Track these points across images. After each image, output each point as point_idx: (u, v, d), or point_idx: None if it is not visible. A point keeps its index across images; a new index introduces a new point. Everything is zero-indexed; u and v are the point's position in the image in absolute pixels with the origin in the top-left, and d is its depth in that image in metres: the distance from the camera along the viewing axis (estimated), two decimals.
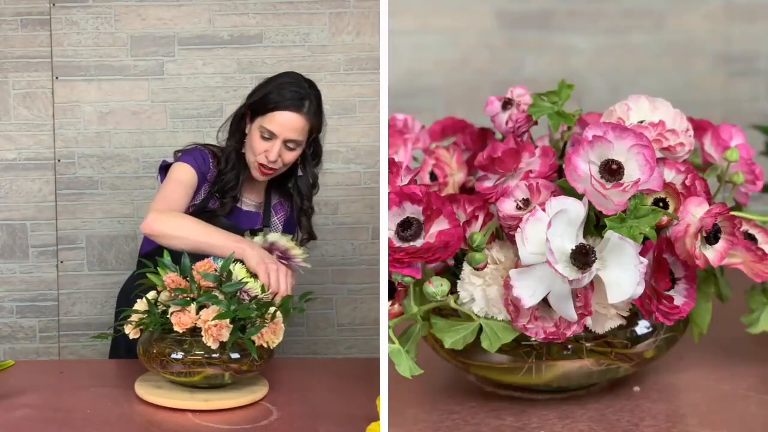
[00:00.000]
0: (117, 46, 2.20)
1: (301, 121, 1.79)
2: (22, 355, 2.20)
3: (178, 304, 1.60)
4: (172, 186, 1.77)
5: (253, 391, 1.65)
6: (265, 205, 1.89)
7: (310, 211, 1.89)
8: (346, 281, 2.27)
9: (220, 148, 1.87)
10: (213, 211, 1.81)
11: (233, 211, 1.84)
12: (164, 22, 2.21)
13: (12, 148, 2.19)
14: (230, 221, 1.83)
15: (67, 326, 2.21)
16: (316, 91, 1.83)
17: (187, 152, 1.83)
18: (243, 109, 1.84)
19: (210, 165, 1.83)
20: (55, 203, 2.21)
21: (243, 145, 1.83)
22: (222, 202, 1.81)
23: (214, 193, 1.83)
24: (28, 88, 2.19)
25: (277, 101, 1.78)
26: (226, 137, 1.86)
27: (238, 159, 1.83)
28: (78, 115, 2.20)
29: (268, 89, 1.81)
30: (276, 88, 1.80)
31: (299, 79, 1.83)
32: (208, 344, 1.57)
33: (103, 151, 2.19)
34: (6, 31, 2.18)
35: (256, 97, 1.82)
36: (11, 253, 2.20)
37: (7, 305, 2.21)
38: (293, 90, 1.80)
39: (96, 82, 2.20)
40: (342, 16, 2.24)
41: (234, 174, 1.82)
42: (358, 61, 2.24)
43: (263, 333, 1.60)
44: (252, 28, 2.23)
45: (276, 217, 1.91)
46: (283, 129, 1.78)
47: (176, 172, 1.79)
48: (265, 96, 1.80)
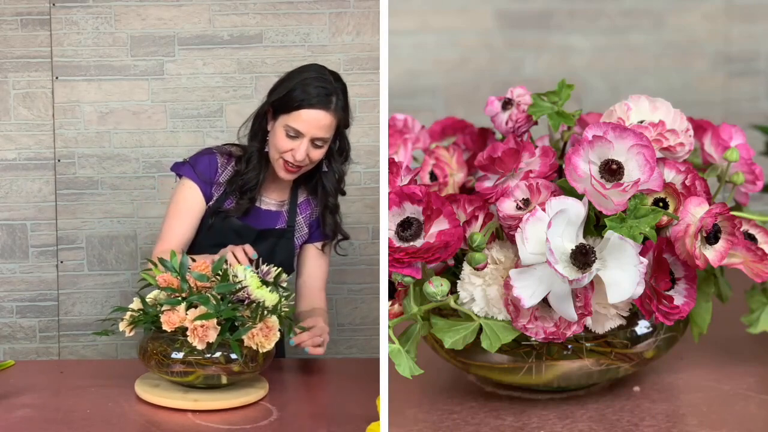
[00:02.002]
0: (117, 46, 2.20)
1: (329, 118, 1.74)
2: (22, 355, 2.20)
3: (168, 303, 1.60)
4: (172, 217, 1.78)
5: (253, 391, 1.65)
6: (290, 203, 1.85)
7: (336, 208, 1.85)
8: (346, 281, 2.27)
9: (242, 147, 1.83)
10: (227, 212, 1.79)
11: (250, 211, 1.80)
12: (164, 22, 2.21)
13: (12, 148, 2.19)
14: (247, 221, 1.80)
15: (67, 326, 2.21)
16: (343, 85, 1.77)
17: (192, 160, 1.81)
18: (265, 107, 1.78)
19: (218, 169, 1.80)
20: (55, 203, 2.21)
21: (266, 144, 1.79)
22: (238, 203, 1.79)
23: (231, 193, 1.80)
24: (28, 88, 2.19)
25: (303, 99, 1.73)
26: (247, 136, 1.82)
27: (260, 159, 1.79)
28: (78, 115, 2.20)
29: (291, 86, 1.74)
30: (300, 85, 1.74)
31: (324, 72, 1.77)
32: (194, 344, 1.57)
33: (103, 151, 2.19)
34: (6, 31, 2.18)
35: (278, 94, 1.76)
36: (11, 253, 2.20)
37: (7, 305, 2.21)
38: (319, 86, 1.74)
39: (96, 82, 2.20)
40: (342, 16, 2.24)
41: (254, 174, 1.78)
42: (358, 61, 2.24)
43: (254, 335, 1.59)
44: (252, 28, 2.23)
45: (301, 215, 1.87)
46: (311, 127, 1.73)
47: (178, 195, 1.79)
48: (289, 93, 1.74)
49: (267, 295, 1.63)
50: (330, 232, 1.84)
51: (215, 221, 1.79)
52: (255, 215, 1.82)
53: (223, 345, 1.59)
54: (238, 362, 1.60)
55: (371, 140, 2.23)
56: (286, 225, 1.84)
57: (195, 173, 1.79)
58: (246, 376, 1.64)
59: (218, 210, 1.79)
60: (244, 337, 1.59)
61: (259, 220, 1.83)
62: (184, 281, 1.62)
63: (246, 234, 1.80)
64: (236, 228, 1.78)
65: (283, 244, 1.84)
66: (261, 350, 1.61)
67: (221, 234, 1.79)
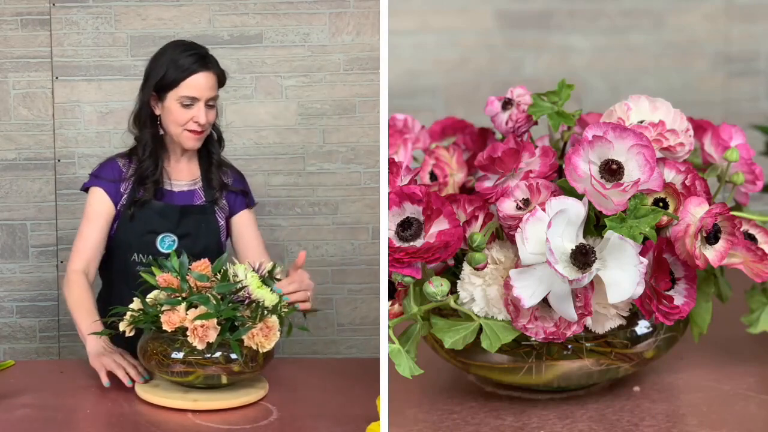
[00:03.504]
0: (117, 46, 2.20)
1: (212, 78, 1.86)
2: (22, 355, 2.20)
3: (168, 303, 1.60)
4: (84, 226, 1.87)
5: (253, 391, 1.65)
6: (203, 180, 1.92)
7: (220, 164, 1.93)
8: (346, 281, 2.27)
9: (136, 138, 1.90)
10: (141, 199, 1.87)
11: (165, 195, 1.89)
12: (164, 22, 2.21)
13: (12, 148, 2.19)
14: (166, 201, 1.88)
15: (67, 326, 2.21)
16: (206, 48, 1.90)
17: (95, 171, 1.90)
18: (148, 95, 1.87)
19: (121, 169, 1.88)
20: (55, 203, 2.21)
21: (158, 128, 1.88)
22: (145, 188, 1.87)
23: (139, 183, 1.88)
24: (28, 88, 2.19)
25: (187, 67, 1.84)
26: (136, 132, 1.90)
27: (155, 144, 1.88)
28: (78, 115, 2.20)
29: (167, 63, 1.85)
30: (177, 58, 1.85)
31: (186, 42, 1.89)
32: (194, 344, 1.57)
33: (103, 151, 2.19)
34: (6, 31, 2.18)
35: (157, 76, 1.85)
36: (11, 253, 2.20)
37: (7, 305, 2.21)
38: (193, 53, 1.86)
39: (96, 82, 2.20)
40: (342, 16, 2.24)
41: (152, 159, 1.88)
42: (358, 61, 2.24)
43: (254, 335, 1.59)
44: (252, 28, 2.23)
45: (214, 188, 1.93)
46: (203, 90, 1.85)
47: (87, 204, 1.89)
48: (169, 70, 1.84)
49: (267, 295, 1.63)
50: (217, 185, 1.92)
51: (134, 210, 1.86)
52: (170, 197, 1.90)
53: (223, 345, 1.59)
54: (238, 362, 1.60)
55: (371, 140, 2.23)
56: (204, 201, 1.91)
57: (99, 179, 1.88)
58: (246, 376, 1.64)
59: (134, 200, 1.87)
60: (244, 337, 1.59)
61: (176, 200, 1.90)
62: (184, 281, 1.62)
63: (169, 213, 1.87)
64: (158, 209, 1.86)
65: (206, 221, 1.91)
66: (261, 350, 1.61)
67: (146, 220, 1.86)
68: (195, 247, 1.84)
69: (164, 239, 1.86)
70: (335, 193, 2.24)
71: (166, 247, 1.85)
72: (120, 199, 1.87)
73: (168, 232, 1.86)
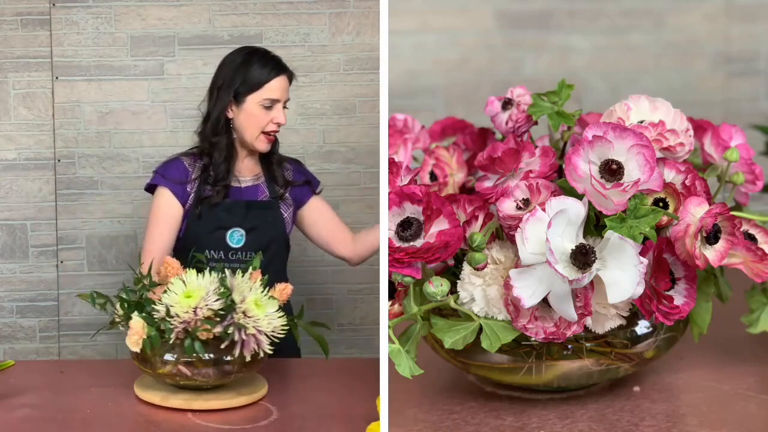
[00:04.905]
0: (117, 46, 2.20)
1: (287, 81, 1.92)
2: (22, 355, 2.20)
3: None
4: (154, 228, 1.89)
5: (253, 391, 1.65)
6: (266, 177, 1.95)
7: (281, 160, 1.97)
8: (346, 281, 2.27)
9: (203, 144, 1.92)
10: (209, 198, 1.89)
11: (230, 192, 1.91)
12: (164, 22, 2.21)
13: (12, 148, 2.19)
14: (233, 197, 1.90)
15: (67, 326, 2.21)
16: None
17: (161, 170, 1.91)
18: (225, 102, 1.90)
19: (187, 169, 1.90)
20: (55, 203, 2.21)
21: (232, 133, 1.92)
22: (216, 190, 1.89)
23: (207, 184, 1.90)
24: (28, 88, 2.19)
25: (271, 69, 1.90)
26: (214, 138, 1.91)
27: (229, 149, 1.91)
28: (78, 115, 2.20)
29: (247, 68, 1.90)
30: (258, 64, 1.90)
31: (256, 48, 1.95)
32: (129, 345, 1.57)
33: (103, 151, 2.19)
34: (6, 31, 2.17)
35: (238, 81, 1.89)
36: (11, 253, 2.20)
37: (7, 305, 2.21)
38: (271, 57, 1.92)
39: (96, 82, 2.20)
40: (342, 16, 2.24)
41: (226, 164, 1.91)
42: (358, 61, 2.24)
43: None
44: (252, 28, 2.23)
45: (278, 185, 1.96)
46: (283, 92, 1.91)
47: (154, 205, 1.91)
48: (250, 74, 1.89)
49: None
50: (281, 183, 1.95)
51: (202, 209, 1.88)
52: (237, 193, 1.92)
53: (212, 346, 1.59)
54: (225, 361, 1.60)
55: (371, 140, 2.23)
56: (268, 197, 1.93)
57: (165, 180, 1.90)
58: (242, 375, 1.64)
59: (201, 198, 1.89)
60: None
61: (243, 195, 1.92)
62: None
63: (236, 209, 1.90)
64: (226, 206, 1.89)
65: (272, 215, 1.93)
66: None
67: (214, 217, 1.89)
68: (262, 239, 1.89)
69: (233, 234, 1.89)
70: (335, 193, 2.24)
71: (235, 242, 1.88)
72: (187, 199, 1.89)
73: (237, 227, 1.89)
